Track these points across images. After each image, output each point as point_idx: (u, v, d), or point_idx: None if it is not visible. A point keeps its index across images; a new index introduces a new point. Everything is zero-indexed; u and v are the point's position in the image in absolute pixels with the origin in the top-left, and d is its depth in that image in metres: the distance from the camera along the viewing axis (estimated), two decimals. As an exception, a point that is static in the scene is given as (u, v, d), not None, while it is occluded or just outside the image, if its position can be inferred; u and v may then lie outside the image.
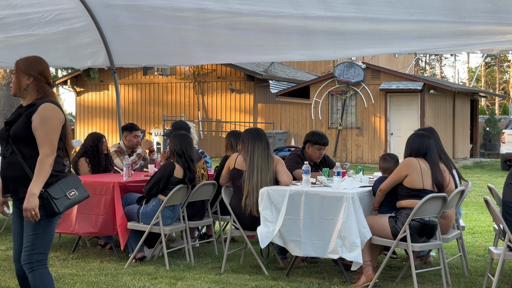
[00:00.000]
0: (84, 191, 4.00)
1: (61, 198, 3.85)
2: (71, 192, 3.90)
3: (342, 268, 5.78)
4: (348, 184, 5.74)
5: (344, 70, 22.30)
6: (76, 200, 3.94)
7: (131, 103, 26.53)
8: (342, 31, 6.81)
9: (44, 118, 3.83)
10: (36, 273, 3.84)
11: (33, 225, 3.82)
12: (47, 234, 3.89)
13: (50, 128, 3.83)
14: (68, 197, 3.88)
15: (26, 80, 3.97)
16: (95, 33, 8.07)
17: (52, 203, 3.81)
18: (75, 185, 3.95)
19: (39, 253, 3.86)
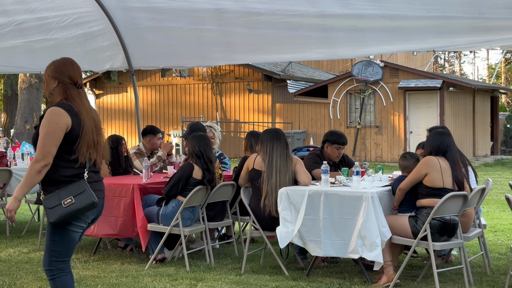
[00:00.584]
0: (87, 198, 3.71)
1: (55, 207, 3.69)
2: (66, 200, 3.68)
3: (363, 268, 5.75)
4: (367, 184, 5.71)
5: (362, 68, 22.21)
6: (74, 208, 3.67)
7: (149, 104, 26.64)
8: (360, 29, 6.78)
9: (43, 123, 3.73)
10: (57, 281, 3.82)
11: (50, 231, 3.78)
12: (64, 242, 3.79)
13: (45, 133, 3.70)
14: (63, 205, 3.67)
15: (52, 83, 3.88)
16: (113, 36, 8.11)
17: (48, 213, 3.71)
18: (75, 192, 3.71)
19: (58, 260, 3.80)
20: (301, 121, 23.94)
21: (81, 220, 3.80)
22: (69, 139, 3.74)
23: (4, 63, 8.55)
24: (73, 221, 3.75)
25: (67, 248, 3.81)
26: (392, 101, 22.22)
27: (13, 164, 8.63)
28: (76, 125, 3.76)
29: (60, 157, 3.72)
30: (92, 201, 3.72)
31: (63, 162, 3.74)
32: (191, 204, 6.33)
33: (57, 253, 3.78)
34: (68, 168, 3.75)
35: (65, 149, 3.73)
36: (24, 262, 6.60)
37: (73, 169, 3.76)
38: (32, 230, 8.57)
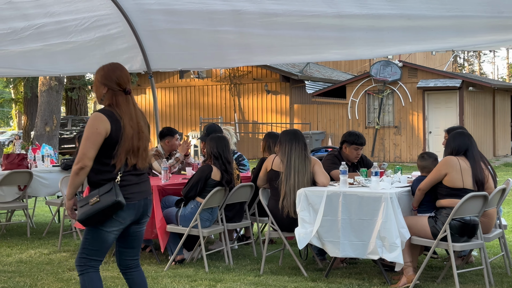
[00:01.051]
0: (110, 196, 3.78)
1: (83, 206, 3.83)
2: (92, 199, 3.81)
3: (382, 269, 5.73)
4: (386, 184, 5.69)
5: (381, 68, 22.12)
6: (98, 207, 3.77)
7: (168, 106, 26.75)
8: (378, 29, 6.75)
9: (85, 128, 3.87)
10: (85, 276, 3.92)
11: (86, 231, 3.94)
12: (96, 242, 3.90)
13: (84, 137, 3.83)
14: (89, 204, 3.81)
15: (102, 89, 3.99)
16: (131, 38, 8.15)
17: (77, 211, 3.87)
18: (102, 192, 3.82)
19: (87, 258, 3.91)
20: (319, 122, 23.90)
21: (115, 221, 3.88)
22: (108, 144, 3.85)
23: (24, 66, 8.63)
24: (106, 222, 3.86)
25: (98, 248, 3.92)
26: (411, 101, 22.11)
27: (33, 166, 8.72)
28: (114, 131, 3.86)
29: (99, 161, 3.87)
30: (115, 200, 3.77)
31: (102, 166, 3.87)
32: (210, 205, 6.35)
33: (87, 251, 3.91)
34: (106, 172, 3.88)
35: (104, 154, 3.86)
36: (45, 263, 6.66)
37: (111, 173, 3.88)
38: (53, 231, 8.64)
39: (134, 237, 4.07)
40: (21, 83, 30.64)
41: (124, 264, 4.10)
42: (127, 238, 4.05)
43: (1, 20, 7.22)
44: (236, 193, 6.58)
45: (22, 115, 36.12)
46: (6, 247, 7.59)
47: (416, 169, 6.16)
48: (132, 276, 4.10)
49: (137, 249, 4.13)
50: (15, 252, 7.27)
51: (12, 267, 6.47)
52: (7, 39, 7.56)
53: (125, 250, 4.08)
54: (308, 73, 25.61)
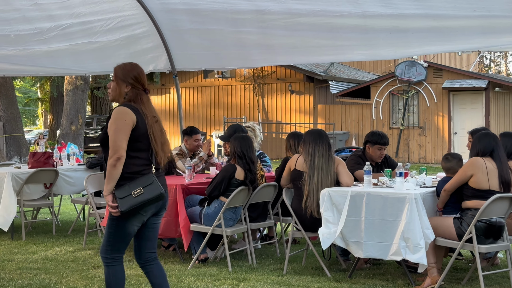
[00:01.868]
0: (155, 189, 3.95)
1: (125, 198, 3.92)
2: (136, 191, 3.93)
3: (406, 270, 5.69)
4: (411, 185, 5.65)
5: (406, 69, 21.98)
6: (142, 199, 3.92)
7: (192, 106, 26.85)
8: (403, 29, 6.71)
9: (111, 122, 3.97)
10: (110, 269, 4.08)
11: (109, 223, 4.04)
12: (120, 233, 4.04)
13: (114, 130, 3.93)
14: (133, 195, 3.92)
15: (124, 87, 4.10)
16: (156, 38, 8.20)
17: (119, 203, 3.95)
18: (145, 183, 3.95)
19: (113, 250, 4.06)
20: (343, 122, 23.82)
21: (139, 215, 4.01)
22: (134, 136, 3.98)
23: (50, 65, 8.73)
24: (133, 215, 3.98)
25: (122, 240, 4.05)
26: (436, 102, 21.95)
27: (59, 165, 8.81)
28: (141, 124, 4.00)
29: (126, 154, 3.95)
30: (160, 192, 3.96)
31: (128, 159, 3.96)
32: (233, 204, 6.36)
33: (112, 244, 4.05)
34: (132, 165, 3.99)
35: (130, 147, 3.97)
36: (70, 261, 6.72)
37: (136, 166, 4.00)
38: (78, 229, 8.72)
39: (152, 229, 4.19)
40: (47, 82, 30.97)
41: (144, 258, 4.20)
42: (145, 230, 4.16)
43: (28, 21, 7.31)
44: (260, 192, 6.58)
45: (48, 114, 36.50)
46: (32, 244, 7.68)
47: (441, 170, 6.11)
48: (152, 269, 4.20)
49: (154, 241, 4.23)
50: (40, 250, 7.35)
51: (38, 264, 6.54)
52: (33, 39, 7.65)
53: (144, 243, 4.17)
54: (332, 73, 25.54)
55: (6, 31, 7.40)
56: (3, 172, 7.96)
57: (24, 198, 8.09)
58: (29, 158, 8.64)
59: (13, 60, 8.32)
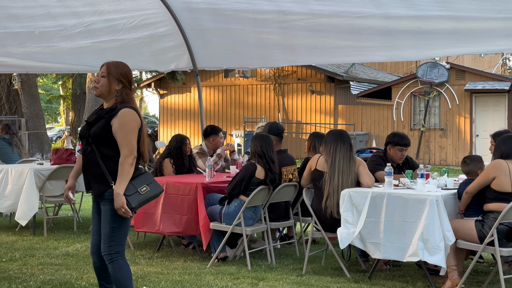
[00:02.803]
0: (157, 186, 4.22)
1: (133, 194, 4.07)
2: (142, 188, 4.12)
3: (426, 272, 5.67)
4: (432, 187, 5.62)
5: (427, 70, 21.85)
6: (149, 195, 4.15)
7: (212, 105, 26.91)
8: (426, 31, 6.67)
9: (123, 122, 4.08)
10: (115, 264, 4.15)
11: (110, 219, 4.12)
12: (123, 228, 4.17)
13: (128, 130, 4.08)
14: (140, 192, 4.10)
15: (115, 85, 4.21)
16: (178, 37, 8.24)
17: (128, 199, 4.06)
18: (147, 181, 4.17)
19: (117, 244, 4.15)
20: (364, 123, 23.73)
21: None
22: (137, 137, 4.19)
23: (73, 62, 8.80)
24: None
25: (124, 234, 4.19)
26: (458, 104, 21.78)
27: (81, 162, 8.86)
28: (142, 126, 4.22)
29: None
30: (161, 190, 4.26)
31: None
32: (253, 203, 6.37)
33: (116, 239, 4.14)
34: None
35: None
36: (90, 257, 6.76)
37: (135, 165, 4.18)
38: (98, 226, 8.77)
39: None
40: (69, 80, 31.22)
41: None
42: None
43: (52, 18, 7.38)
44: (280, 192, 6.59)
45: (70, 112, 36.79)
46: (54, 240, 7.75)
47: (462, 172, 6.07)
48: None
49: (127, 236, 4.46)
50: (62, 246, 7.42)
51: (59, 260, 6.60)
52: (57, 35, 7.72)
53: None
54: (353, 73, 25.45)
55: (31, 28, 7.48)
56: (25, 168, 8.05)
57: (46, 195, 8.16)
58: (51, 155, 8.72)
59: (37, 57, 8.41)
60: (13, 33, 7.59)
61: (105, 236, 4.14)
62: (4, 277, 5.80)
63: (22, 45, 7.93)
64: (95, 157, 4.12)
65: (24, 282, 5.62)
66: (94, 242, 4.30)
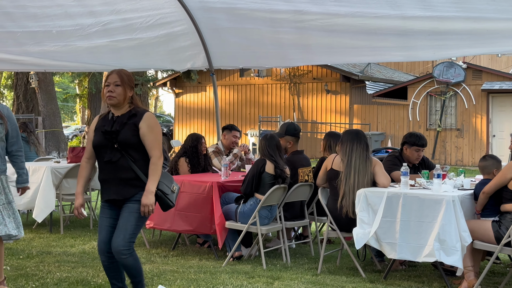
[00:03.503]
0: (177, 184, 4.49)
1: (170, 194, 4.33)
2: (173, 187, 4.39)
3: (442, 273, 5.65)
4: (448, 187, 5.59)
5: (444, 70, 21.73)
6: (177, 193, 4.43)
7: (227, 104, 26.94)
8: (442, 31, 6.64)
9: (151, 125, 4.30)
10: (134, 255, 4.32)
11: (138, 217, 4.28)
12: (142, 225, 4.39)
13: (157, 134, 4.31)
14: (173, 191, 4.38)
15: (129, 92, 4.40)
16: (194, 36, 8.26)
17: (167, 199, 4.30)
18: (172, 180, 4.44)
19: (134, 241, 4.34)
20: (379, 123, 23.65)
21: None
22: None
23: (90, 61, 8.86)
24: None
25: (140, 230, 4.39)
26: (475, 104, 21.65)
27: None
28: None
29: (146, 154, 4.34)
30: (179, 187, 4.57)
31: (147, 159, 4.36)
32: (269, 203, 6.38)
33: (135, 235, 4.33)
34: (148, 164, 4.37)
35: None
36: (107, 255, 6.81)
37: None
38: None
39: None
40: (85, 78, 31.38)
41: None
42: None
43: (70, 17, 7.43)
44: (295, 191, 6.59)
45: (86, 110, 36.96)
46: (70, 238, 7.81)
47: (479, 172, 6.04)
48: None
49: None
50: (78, 243, 7.47)
51: (75, 258, 6.65)
52: (75, 35, 7.77)
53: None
54: (369, 73, 25.37)
55: (49, 27, 7.54)
56: (42, 166, 8.11)
57: (62, 192, 8.22)
58: (68, 153, 8.78)
59: (54, 56, 8.47)
60: (31, 32, 7.65)
61: (127, 232, 4.26)
62: (22, 274, 5.85)
63: (39, 44, 8.00)
64: (127, 162, 4.26)
65: (41, 279, 5.66)
66: (102, 241, 4.38)
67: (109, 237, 4.35)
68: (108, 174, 4.33)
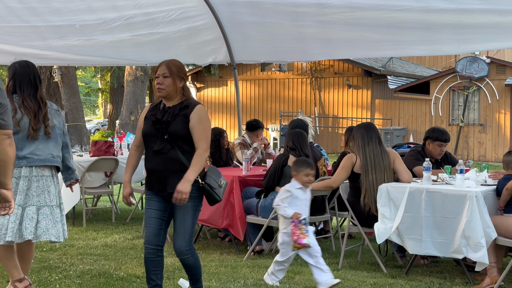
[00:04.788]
0: (225, 179, 4.37)
1: (217, 188, 4.24)
2: (221, 182, 4.29)
3: (465, 269, 5.60)
4: (471, 183, 5.54)
5: (467, 64, 21.53)
6: (224, 188, 4.32)
7: (249, 98, 26.95)
8: (467, 25, 6.58)
9: (201, 118, 4.22)
10: (196, 255, 4.30)
11: (193, 214, 4.24)
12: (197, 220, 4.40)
13: (206, 127, 4.24)
14: (220, 185, 4.27)
15: (179, 83, 4.30)
16: (216, 31, 8.27)
17: (214, 193, 4.20)
18: (220, 174, 4.33)
19: (193, 239, 4.31)
20: (401, 118, 23.51)
21: None
22: None
23: (113, 55, 8.91)
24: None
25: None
26: (498, 99, 21.43)
27: (119, 154, 8.99)
28: None
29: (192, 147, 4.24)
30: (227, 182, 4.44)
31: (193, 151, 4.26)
32: (290, 197, 6.36)
33: (193, 232, 4.31)
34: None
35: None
36: (129, 248, 6.86)
37: None
38: (136, 218, 8.89)
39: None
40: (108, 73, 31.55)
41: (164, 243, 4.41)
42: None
43: (93, 11, 7.47)
44: (317, 186, 6.57)
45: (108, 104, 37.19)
46: (92, 231, 7.87)
47: (502, 168, 5.97)
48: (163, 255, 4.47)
49: None
50: (100, 236, 7.53)
51: (98, 250, 6.70)
52: (98, 29, 7.81)
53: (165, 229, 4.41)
54: (391, 68, 25.23)
55: (72, 21, 7.59)
56: (65, 160, 8.16)
57: (85, 186, 8.29)
58: (90, 147, 8.84)
59: (77, 50, 8.53)
60: (54, 27, 7.71)
61: (186, 231, 4.20)
62: (45, 266, 5.91)
63: (63, 38, 8.05)
64: (176, 154, 4.17)
65: (64, 271, 5.71)
66: (152, 233, 4.28)
67: (159, 229, 4.28)
68: (157, 165, 4.23)
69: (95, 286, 5.24)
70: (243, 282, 5.35)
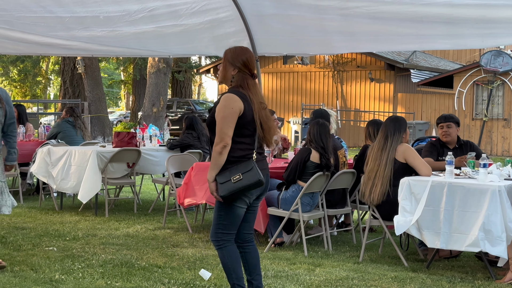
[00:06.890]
0: (253, 176, 4.02)
1: (225, 183, 4.03)
2: (235, 177, 4.00)
3: (487, 263, 5.57)
4: (495, 177, 5.50)
5: (491, 58, 21.31)
6: (241, 184, 4.00)
7: (270, 91, 26.94)
8: (491, 19, 6.51)
9: (219, 108, 4.05)
10: (224, 250, 4.19)
11: (217, 207, 4.18)
12: (229, 216, 4.16)
13: (221, 117, 4.02)
14: (232, 181, 4.01)
15: (231, 70, 4.18)
16: (239, 23, 8.26)
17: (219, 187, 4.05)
18: (244, 170, 4.03)
19: (223, 232, 4.17)
20: (424, 112, 23.36)
21: (246, 197, 4.14)
22: (240, 123, 4.07)
23: (136, 46, 8.95)
24: (239, 198, 4.10)
25: (232, 222, 4.18)
26: (523, 93, 21.20)
27: (141, 145, 9.06)
28: (248, 111, 4.07)
29: (232, 139, 4.04)
30: (258, 179, 4.03)
31: (233, 144, 4.05)
32: (311, 190, 6.38)
33: (222, 226, 4.17)
34: (237, 150, 4.07)
35: (236, 132, 4.06)
36: (150, 239, 6.92)
37: (241, 151, 4.09)
38: (158, 208, 8.96)
39: (251, 212, 4.31)
40: (130, 65, 31.74)
41: (242, 238, 4.32)
42: (246, 212, 4.27)
43: (117, 3, 7.51)
44: (338, 179, 6.58)
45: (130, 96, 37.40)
46: (115, 221, 7.94)
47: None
48: (249, 250, 4.34)
49: (252, 223, 4.36)
50: (122, 227, 7.60)
51: (120, 240, 6.77)
52: (122, 20, 7.85)
53: (242, 224, 4.28)
54: (414, 61, 25.06)
55: (96, 13, 7.63)
56: (88, 150, 8.26)
57: (108, 176, 8.36)
58: (113, 138, 8.92)
59: (101, 41, 8.59)
60: (79, 17, 7.77)
61: (213, 222, 4.20)
62: (68, 255, 5.99)
63: (87, 29, 8.11)
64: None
65: (86, 261, 5.78)
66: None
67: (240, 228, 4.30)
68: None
69: (117, 275, 5.30)
70: (263, 274, 5.37)
